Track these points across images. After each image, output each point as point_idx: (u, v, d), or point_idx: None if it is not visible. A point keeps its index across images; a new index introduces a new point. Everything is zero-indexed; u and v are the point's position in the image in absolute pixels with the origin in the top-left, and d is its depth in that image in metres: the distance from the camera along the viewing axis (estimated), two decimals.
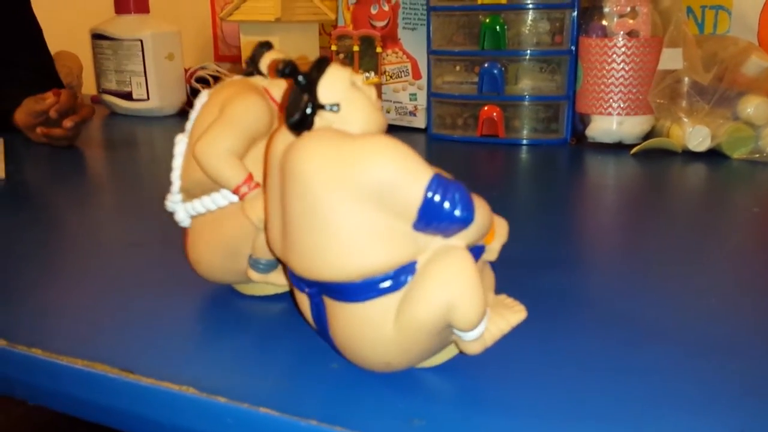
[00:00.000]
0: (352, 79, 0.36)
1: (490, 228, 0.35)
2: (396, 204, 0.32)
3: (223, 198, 0.44)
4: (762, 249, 0.60)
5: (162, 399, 0.37)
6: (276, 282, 0.47)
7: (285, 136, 0.36)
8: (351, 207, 0.32)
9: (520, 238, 0.61)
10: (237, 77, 0.47)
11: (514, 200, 0.75)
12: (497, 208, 0.39)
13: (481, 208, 0.34)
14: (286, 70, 0.35)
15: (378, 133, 0.36)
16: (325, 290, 0.35)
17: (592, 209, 0.75)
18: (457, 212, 0.32)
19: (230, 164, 0.43)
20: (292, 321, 0.45)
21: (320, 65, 0.35)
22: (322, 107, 0.35)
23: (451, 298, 0.33)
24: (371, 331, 0.35)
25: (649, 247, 0.60)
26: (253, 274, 0.46)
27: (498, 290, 0.40)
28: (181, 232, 0.49)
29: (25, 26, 1.22)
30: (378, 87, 1.14)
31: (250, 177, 0.43)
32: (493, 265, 0.39)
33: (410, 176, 0.32)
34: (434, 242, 0.34)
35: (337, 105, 0.35)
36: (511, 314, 0.36)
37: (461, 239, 0.34)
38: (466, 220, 0.32)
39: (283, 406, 0.35)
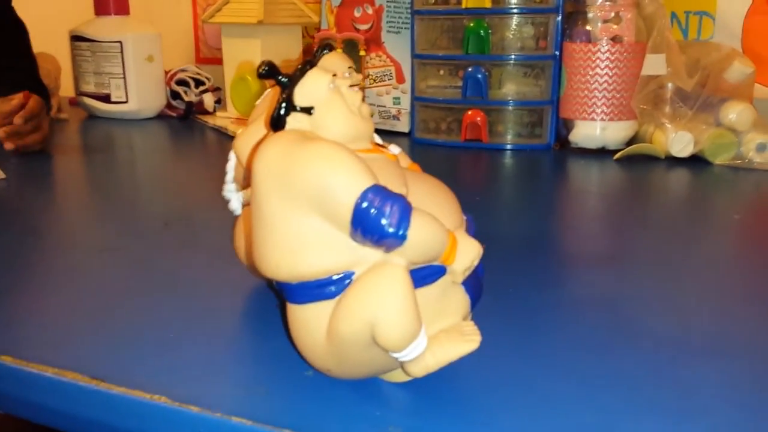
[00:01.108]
0: (336, 84, 0.35)
1: (442, 249, 0.34)
2: (331, 211, 0.32)
3: None
4: (742, 255, 0.59)
5: (133, 408, 0.36)
6: None
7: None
8: (290, 209, 0.33)
9: (503, 243, 0.60)
10: None
11: (497, 205, 0.74)
12: (481, 212, 0.39)
13: (425, 227, 0.33)
14: (263, 70, 0.35)
15: (357, 139, 0.35)
16: (278, 288, 0.36)
17: (575, 214, 0.74)
18: (388, 226, 0.31)
19: None
20: (264, 326, 0.44)
21: (303, 67, 0.35)
22: (295, 108, 0.35)
23: (371, 315, 0.32)
24: (308, 336, 0.35)
25: (631, 252, 0.59)
26: None
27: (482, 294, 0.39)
28: (233, 221, 0.49)
29: (9, 27, 1.20)
30: (361, 90, 1.13)
31: None
32: (479, 267, 0.38)
33: (345, 184, 0.32)
34: (374, 256, 0.33)
35: (312, 108, 0.35)
36: (461, 343, 0.35)
37: (400, 256, 0.33)
38: (397, 236, 0.32)
39: (256, 415, 0.34)
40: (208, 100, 1.31)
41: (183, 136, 1.18)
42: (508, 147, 1.01)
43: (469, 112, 1.01)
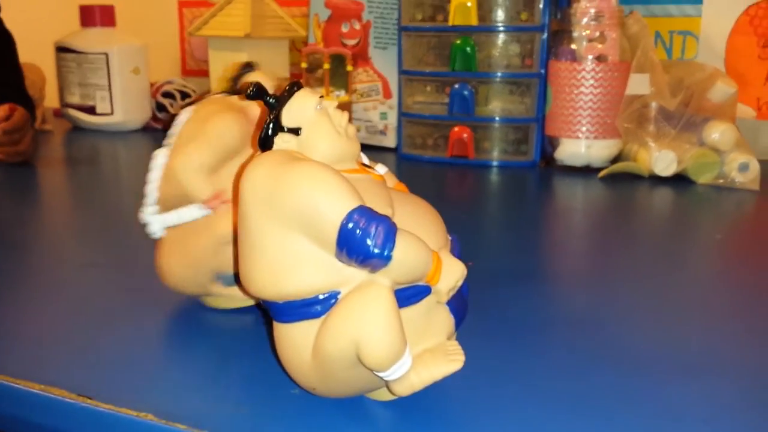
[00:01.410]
0: (322, 105, 0.35)
1: (427, 270, 0.34)
2: (317, 231, 0.32)
3: (198, 210, 0.46)
4: (724, 274, 0.60)
5: (120, 425, 0.36)
6: (237, 294, 0.48)
7: None
8: (276, 229, 0.33)
9: (488, 260, 0.60)
10: (219, 95, 0.49)
11: (482, 221, 0.75)
12: (466, 229, 0.39)
13: (410, 247, 0.33)
14: (251, 92, 0.36)
15: (343, 160, 0.35)
16: (265, 306, 0.36)
17: (559, 231, 0.75)
18: (373, 247, 0.32)
19: (201, 179, 0.45)
20: (251, 344, 0.44)
21: (290, 88, 0.35)
22: (282, 129, 0.35)
23: (356, 334, 0.32)
24: (294, 354, 0.35)
25: (614, 270, 0.60)
26: (217, 287, 0.48)
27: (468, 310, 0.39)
28: (153, 244, 0.49)
29: None
30: (348, 105, 1.13)
31: (220, 192, 0.45)
32: (464, 287, 0.38)
33: (330, 205, 0.32)
34: (359, 276, 0.33)
35: (299, 129, 0.35)
36: (445, 363, 0.35)
37: (385, 277, 0.33)
38: (382, 257, 0.32)
39: None
40: None
41: None
42: (494, 163, 1.02)
43: (456, 129, 1.02)
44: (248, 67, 0.49)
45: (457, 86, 1.01)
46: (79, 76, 1.28)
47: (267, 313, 0.36)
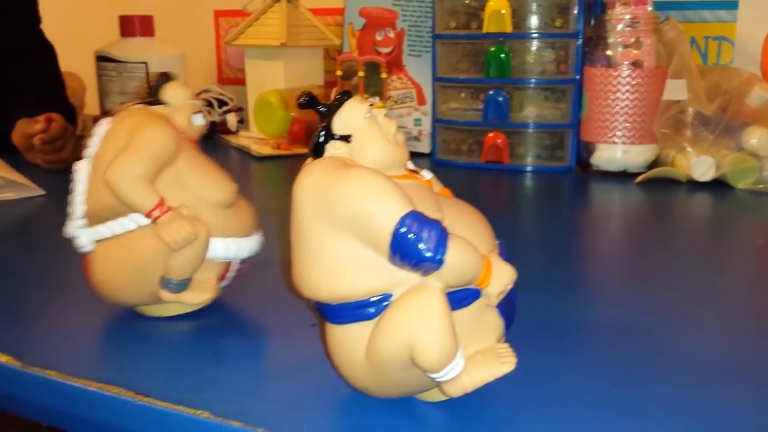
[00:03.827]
0: (372, 113, 0.36)
1: (478, 273, 0.35)
2: (371, 236, 0.33)
3: (131, 222, 0.46)
4: (765, 280, 0.60)
5: (177, 423, 0.37)
6: (187, 301, 0.48)
7: None
8: (330, 233, 0.34)
9: (525, 265, 0.61)
10: (137, 106, 0.49)
11: (518, 227, 0.75)
12: (502, 234, 0.40)
13: (461, 251, 0.34)
14: (303, 101, 0.37)
15: (393, 166, 0.36)
16: (317, 308, 0.37)
17: (596, 237, 0.75)
18: (426, 251, 0.32)
19: (143, 189, 0.45)
20: (301, 344, 0.45)
21: (341, 97, 0.36)
22: (333, 137, 0.36)
23: (410, 337, 0.33)
24: (347, 355, 0.36)
25: (653, 277, 0.60)
26: (165, 294, 0.47)
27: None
28: (81, 258, 0.49)
29: (38, 48, 1.22)
30: None
31: (162, 201, 0.45)
32: (512, 291, 0.39)
33: (384, 210, 0.33)
34: (412, 279, 0.34)
35: (350, 136, 0.36)
36: (497, 365, 0.36)
37: (438, 280, 0.34)
38: (435, 261, 0.33)
39: (297, 431, 0.35)
40: (231, 120, 1.33)
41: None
42: (529, 169, 1.02)
43: (490, 135, 1.03)
44: (165, 76, 0.49)
45: (491, 92, 1.01)
46: (119, 85, 1.31)
47: (318, 315, 0.37)
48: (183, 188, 0.47)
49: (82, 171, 0.47)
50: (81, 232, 0.48)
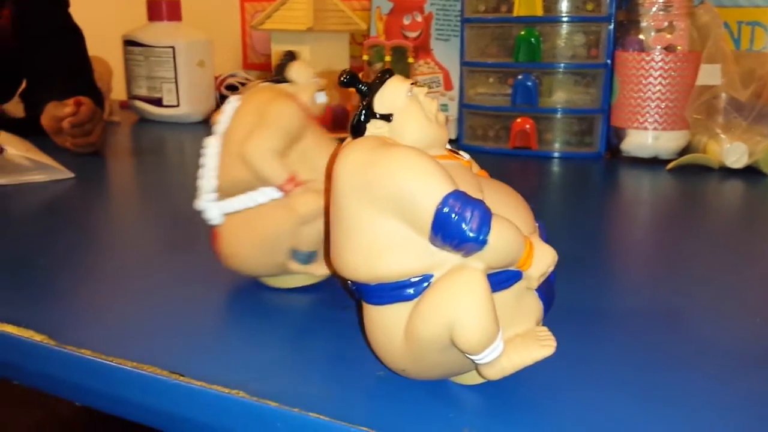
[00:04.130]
0: (413, 92, 0.36)
1: (519, 254, 0.34)
2: (412, 216, 0.33)
3: (262, 195, 0.47)
4: None
5: (212, 402, 0.37)
6: (315, 272, 0.50)
7: None
8: (370, 213, 0.33)
9: (557, 250, 0.60)
10: (265, 84, 0.51)
11: (546, 214, 0.74)
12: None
13: (504, 232, 0.33)
14: (345, 79, 0.36)
15: (434, 146, 0.36)
16: (355, 289, 0.36)
17: (626, 225, 0.74)
18: (469, 231, 0.32)
19: (276, 163, 0.47)
20: (336, 326, 0.45)
21: (382, 75, 0.36)
22: (374, 116, 0.36)
23: (451, 318, 0.32)
24: (384, 336, 0.35)
25: (684, 265, 0.59)
26: (294, 265, 0.49)
27: None
28: (209, 230, 0.50)
29: (66, 32, 1.23)
30: None
31: (294, 175, 0.47)
32: (551, 275, 0.38)
33: (426, 189, 0.32)
34: (452, 259, 0.33)
35: (390, 115, 0.36)
36: (536, 348, 0.35)
37: (479, 261, 0.33)
38: (478, 241, 0.32)
39: (333, 412, 0.35)
40: None
41: None
42: (557, 155, 1.01)
43: (518, 120, 1.02)
44: (290, 55, 0.50)
45: (520, 77, 1.00)
46: (146, 69, 1.32)
47: (354, 296, 0.37)
48: (310, 163, 0.48)
49: (212, 147, 0.49)
50: (212, 206, 0.49)
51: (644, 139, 0.95)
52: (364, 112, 0.36)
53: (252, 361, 0.40)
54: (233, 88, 1.34)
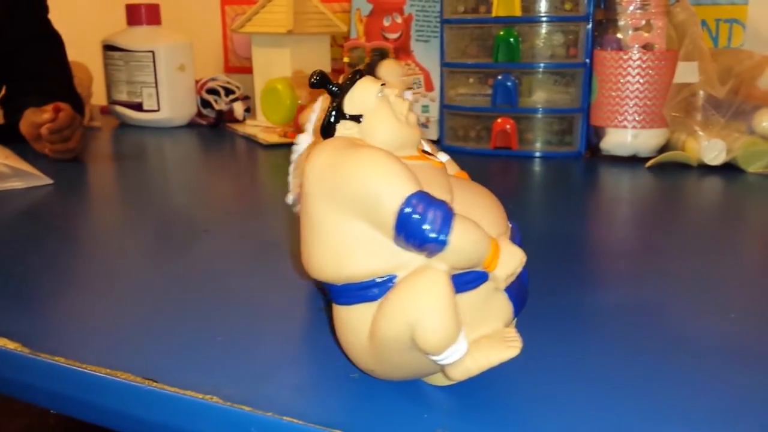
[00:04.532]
0: (384, 93, 0.36)
1: (484, 255, 0.34)
2: (376, 216, 0.33)
3: None
4: None
5: (186, 408, 0.37)
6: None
7: None
8: (337, 214, 0.34)
9: (534, 252, 0.60)
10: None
11: (527, 213, 0.75)
12: (512, 220, 0.39)
13: (467, 233, 0.33)
14: (314, 80, 0.36)
15: (404, 147, 0.36)
16: (325, 288, 0.36)
17: (606, 222, 0.74)
18: (430, 232, 0.32)
19: None
20: (309, 328, 0.45)
21: (353, 76, 0.36)
22: (344, 116, 0.36)
23: (411, 318, 0.33)
24: (353, 336, 0.36)
25: (663, 261, 0.59)
26: None
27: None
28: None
29: (45, 38, 1.22)
30: None
31: None
32: (524, 275, 0.38)
33: (390, 190, 0.32)
34: (417, 260, 0.34)
35: (360, 116, 0.36)
36: (502, 349, 0.35)
37: (442, 262, 0.33)
38: (437, 241, 0.32)
39: (307, 416, 0.35)
40: (238, 108, 1.33)
41: (214, 144, 1.19)
42: (538, 154, 1.02)
43: (499, 120, 1.02)
44: (380, 54, 0.51)
45: (500, 77, 1.01)
46: (126, 74, 1.31)
47: (326, 296, 0.37)
48: None
49: (302, 144, 0.48)
50: None
51: (623, 137, 0.95)
52: (333, 113, 0.36)
53: (225, 366, 0.40)
54: (214, 92, 1.33)
